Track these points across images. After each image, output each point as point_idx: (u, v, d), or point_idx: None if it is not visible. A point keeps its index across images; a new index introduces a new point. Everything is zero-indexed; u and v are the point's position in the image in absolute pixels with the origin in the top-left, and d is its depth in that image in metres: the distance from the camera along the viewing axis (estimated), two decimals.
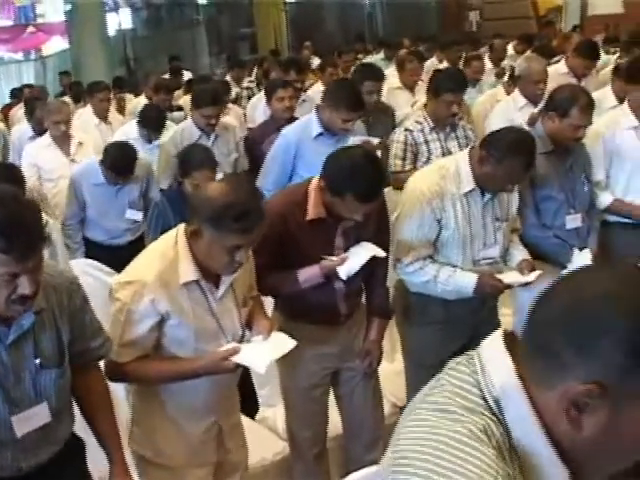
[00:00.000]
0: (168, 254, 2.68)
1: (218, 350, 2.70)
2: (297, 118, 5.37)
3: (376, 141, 5.05)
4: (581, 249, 4.00)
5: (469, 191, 3.44)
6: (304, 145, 4.67)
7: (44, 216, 2.51)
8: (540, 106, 5.06)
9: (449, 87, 4.82)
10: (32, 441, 2.35)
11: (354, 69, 7.02)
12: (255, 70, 11.75)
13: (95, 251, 5.09)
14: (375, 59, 11.49)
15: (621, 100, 4.96)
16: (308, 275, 3.17)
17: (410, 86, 7.63)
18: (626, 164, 4.36)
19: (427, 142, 4.92)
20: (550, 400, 1.23)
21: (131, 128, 6.42)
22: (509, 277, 3.55)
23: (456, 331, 3.59)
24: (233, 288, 2.82)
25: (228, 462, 3.07)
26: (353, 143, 4.39)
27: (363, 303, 3.55)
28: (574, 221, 4.07)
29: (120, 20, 20.31)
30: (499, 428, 1.25)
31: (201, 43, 20.49)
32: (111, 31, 17.67)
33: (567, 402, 1.20)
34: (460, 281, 3.47)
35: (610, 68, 6.67)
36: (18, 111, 9.29)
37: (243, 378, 3.45)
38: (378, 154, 4.45)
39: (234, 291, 2.83)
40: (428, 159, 4.84)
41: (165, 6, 21.27)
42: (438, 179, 3.44)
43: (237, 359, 2.69)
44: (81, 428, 2.65)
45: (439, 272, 3.48)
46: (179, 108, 8.09)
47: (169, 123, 6.48)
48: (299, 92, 7.12)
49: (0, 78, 18.88)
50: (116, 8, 20.27)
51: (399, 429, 1.35)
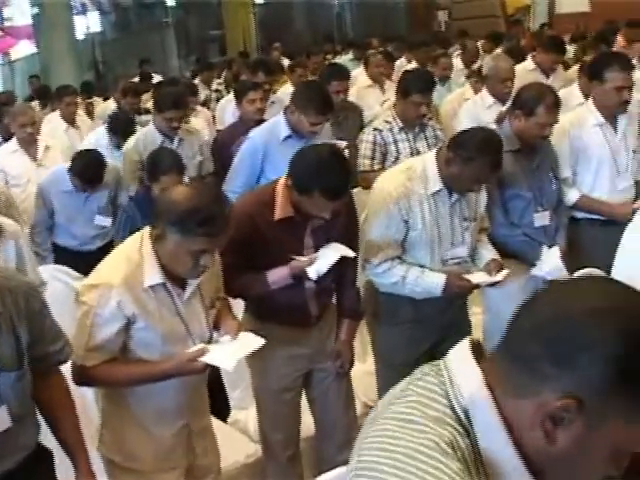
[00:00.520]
0: (134, 257, 2.67)
1: (186, 352, 2.70)
2: (266, 120, 5.35)
3: (343, 144, 5.04)
4: (550, 246, 4.01)
5: (436, 191, 3.44)
6: (272, 148, 4.64)
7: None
8: (508, 105, 5.08)
9: (418, 88, 4.83)
10: None
11: (321, 70, 7.02)
12: (224, 72, 11.73)
13: (64, 257, 5.07)
14: (344, 60, 11.51)
15: (587, 97, 4.98)
16: (277, 276, 3.16)
17: (379, 81, 7.64)
18: (592, 161, 4.37)
19: (396, 142, 4.93)
20: (522, 410, 1.22)
21: (101, 136, 6.37)
22: (477, 277, 3.56)
23: (426, 331, 3.60)
24: (200, 290, 2.81)
25: (199, 466, 3.05)
26: None
27: (334, 304, 3.54)
28: (542, 219, 4.08)
29: (88, 23, 20.19)
30: (466, 440, 1.24)
31: (170, 45, 20.43)
32: (79, 34, 17.62)
33: (543, 414, 1.19)
34: (428, 281, 3.47)
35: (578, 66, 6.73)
36: None
37: (214, 381, 3.45)
38: (346, 154, 4.45)
39: (201, 293, 2.82)
40: (397, 159, 4.84)
41: (133, 9, 21.21)
42: (405, 180, 3.44)
43: (205, 359, 2.69)
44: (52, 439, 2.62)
45: (407, 273, 3.47)
46: (147, 111, 8.03)
47: (139, 128, 6.43)
48: (268, 94, 7.11)
49: None
50: (84, 11, 20.15)
51: (362, 438, 1.33)
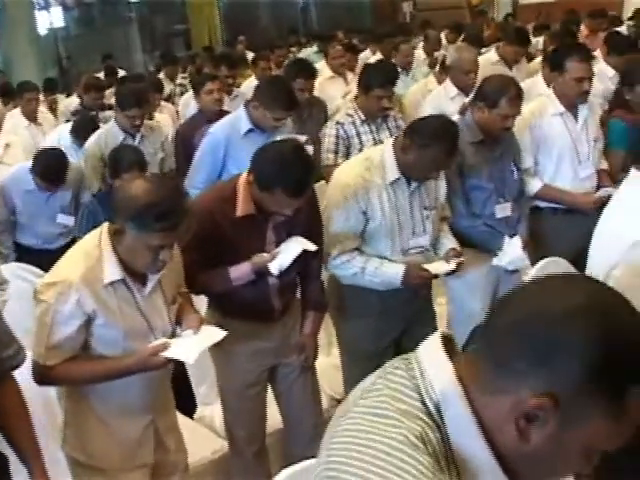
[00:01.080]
0: (92, 253, 2.65)
1: (147, 346, 2.68)
2: (229, 112, 5.31)
3: (304, 139, 5.02)
4: (511, 237, 4.02)
5: (394, 180, 3.44)
6: (233, 142, 4.62)
7: None
8: (471, 96, 5.10)
9: (379, 82, 4.82)
10: None
11: (286, 64, 7.00)
12: (189, 67, 11.66)
13: (27, 256, 5.02)
14: (308, 52, 11.49)
15: None
16: (239, 272, 3.14)
17: (340, 73, 7.63)
18: (553, 150, 4.39)
19: (359, 134, 4.92)
20: (496, 407, 1.21)
21: (64, 134, 6.31)
22: (435, 267, 3.56)
23: (391, 322, 3.61)
24: (161, 285, 2.79)
25: (166, 463, 3.04)
26: None
27: (298, 298, 3.53)
28: (504, 210, 4.09)
29: (51, 19, 19.93)
30: (437, 434, 1.22)
31: (134, 41, 20.25)
32: (42, 30, 17.38)
33: (518, 412, 1.18)
34: (387, 273, 3.47)
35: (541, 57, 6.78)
36: None
37: (180, 377, 3.43)
38: (310, 149, 4.44)
39: (162, 288, 2.80)
40: (360, 151, 4.82)
41: (97, 4, 20.99)
42: (362, 170, 3.44)
43: (167, 354, 2.68)
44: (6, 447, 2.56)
45: (366, 264, 3.47)
46: (111, 107, 7.96)
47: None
48: (232, 87, 7.09)
49: None
50: (47, 6, 19.85)
51: (331, 432, 1.32)
